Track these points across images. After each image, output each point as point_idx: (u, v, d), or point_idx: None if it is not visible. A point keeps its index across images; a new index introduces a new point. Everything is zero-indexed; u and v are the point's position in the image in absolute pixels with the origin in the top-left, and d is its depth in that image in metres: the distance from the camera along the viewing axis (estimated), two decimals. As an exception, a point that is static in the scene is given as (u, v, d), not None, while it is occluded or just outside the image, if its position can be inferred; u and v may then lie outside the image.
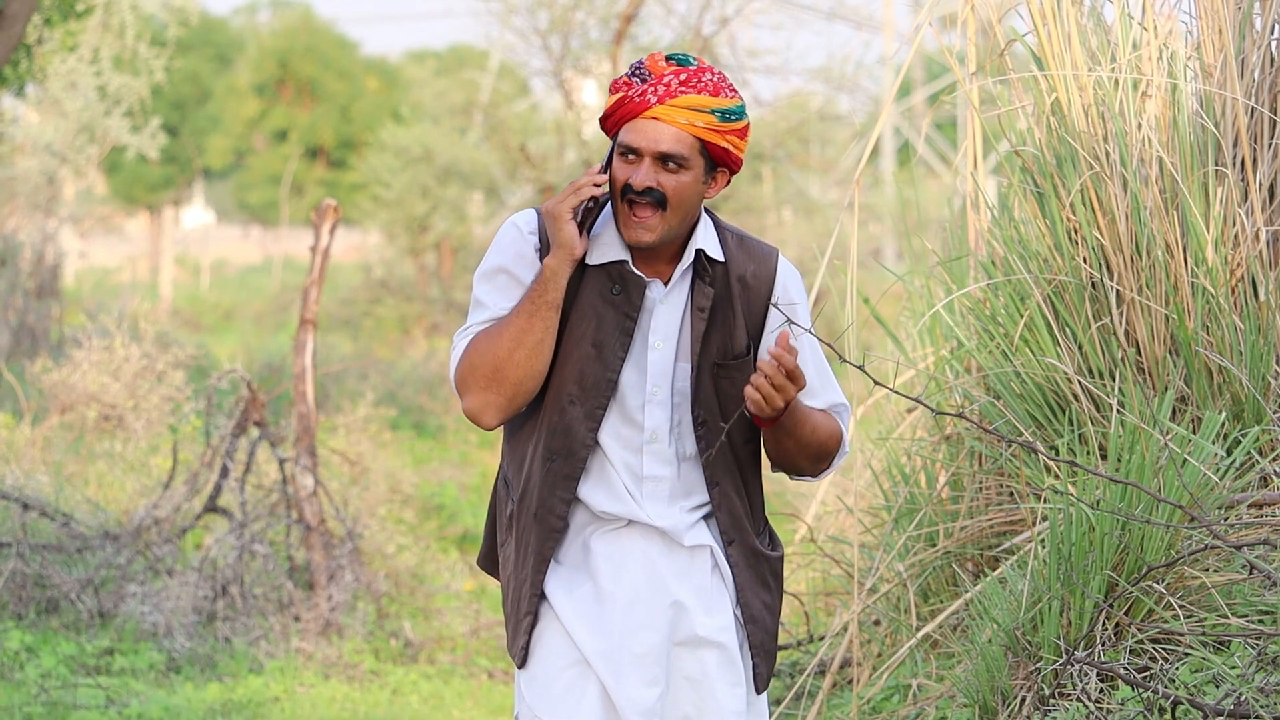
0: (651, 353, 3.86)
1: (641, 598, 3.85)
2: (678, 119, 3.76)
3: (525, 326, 3.77)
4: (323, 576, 8.96)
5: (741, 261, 3.92)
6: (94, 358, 11.13)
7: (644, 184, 3.76)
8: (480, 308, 3.86)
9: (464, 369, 3.81)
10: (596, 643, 3.83)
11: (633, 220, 3.78)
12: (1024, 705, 5.06)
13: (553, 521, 3.87)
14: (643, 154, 3.77)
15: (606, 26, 22.53)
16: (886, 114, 6.51)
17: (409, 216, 25.55)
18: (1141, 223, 5.85)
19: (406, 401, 17.45)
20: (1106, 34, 6.16)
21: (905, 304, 7.24)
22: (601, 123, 3.86)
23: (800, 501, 9.37)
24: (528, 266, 3.85)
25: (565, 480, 3.85)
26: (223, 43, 46.88)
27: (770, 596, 3.97)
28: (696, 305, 3.87)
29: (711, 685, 3.88)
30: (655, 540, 3.88)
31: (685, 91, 3.76)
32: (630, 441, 3.86)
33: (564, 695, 3.83)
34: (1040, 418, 5.98)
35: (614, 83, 3.85)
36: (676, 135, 3.77)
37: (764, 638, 3.95)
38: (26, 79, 17.65)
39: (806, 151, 26.72)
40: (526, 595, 3.87)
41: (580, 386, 3.83)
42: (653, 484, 3.87)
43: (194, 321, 28.81)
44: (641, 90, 3.77)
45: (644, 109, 3.77)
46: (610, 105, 3.82)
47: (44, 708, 7.54)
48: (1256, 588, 5.11)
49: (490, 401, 3.80)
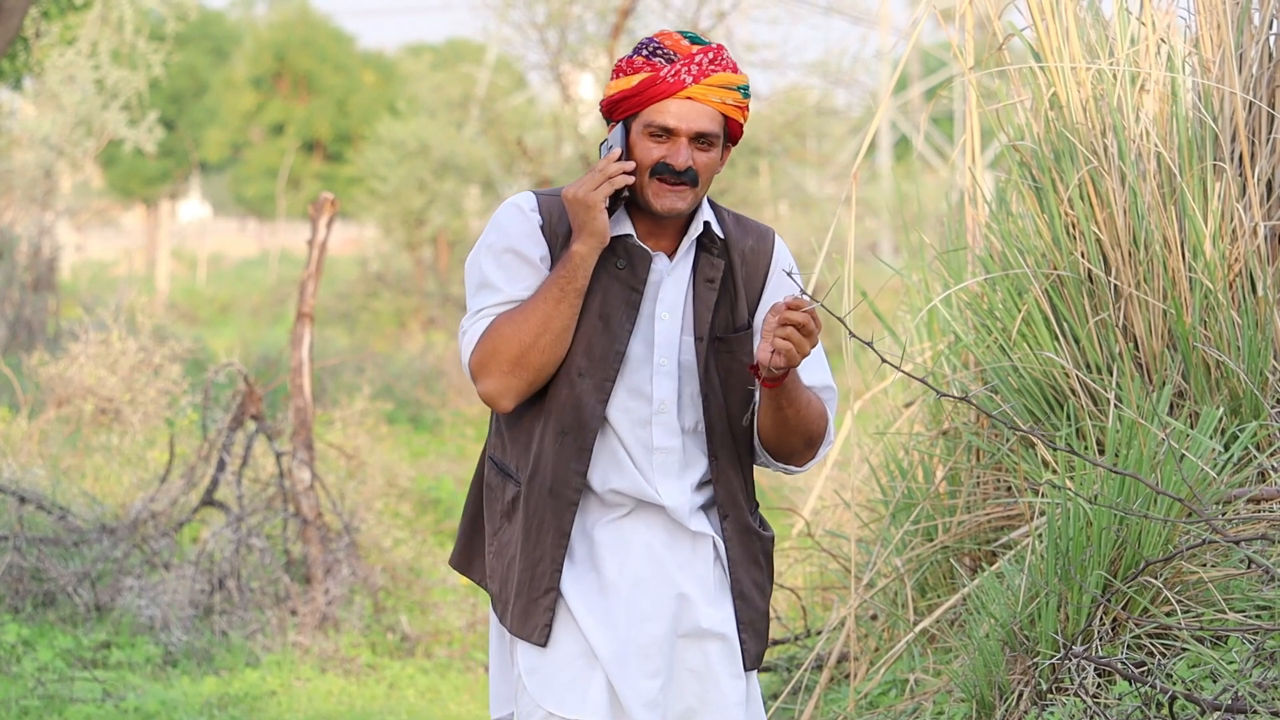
0: (658, 323, 3.87)
1: (645, 589, 3.85)
2: (711, 98, 3.79)
3: (552, 313, 3.78)
4: (319, 570, 8.96)
5: (740, 237, 3.95)
6: (91, 351, 11.12)
7: (686, 164, 3.79)
8: (490, 289, 3.85)
9: (484, 353, 3.80)
10: (603, 634, 3.82)
11: (667, 191, 3.80)
12: (1021, 700, 5.06)
13: (569, 495, 3.85)
14: (678, 134, 3.79)
15: (603, 20, 22.52)
16: (884, 108, 6.51)
17: (405, 210, 25.54)
18: (1140, 217, 5.85)
19: (403, 395, 17.45)
20: (1105, 28, 6.16)
21: (903, 298, 7.24)
22: (614, 105, 3.83)
23: (797, 496, 9.37)
24: (534, 245, 3.85)
25: (579, 453, 3.85)
26: (220, 36, 46.88)
27: (760, 576, 3.98)
28: (705, 277, 3.89)
29: (715, 677, 3.88)
30: (658, 530, 3.88)
31: (716, 70, 3.79)
32: (639, 414, 3.86)
33: (570, 686, 3.82)
34: (1038, 412, 5.97)
35: (628, 62, 3.83)
36: (711, 114, 3.80)
37: (753, 615, 3.95)
38: (24, 72, 17.66)
39: (803, 146, 26.73)
40: (547, 571, 3.85)
41: (589, 359, 3.83)
42: (663, 455, 3.87)
43: (191, 315, 28.81)
44: (675, 70, 3.78)
45: (679, 89, 3.78)
46: (635, 86, 3.80)
47: (41, 701, 7.53)
48: (1254, 583, 5.11)
49: (511, 386, 3.80)
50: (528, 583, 3.86)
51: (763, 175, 25.61)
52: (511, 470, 3.91)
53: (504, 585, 3.92)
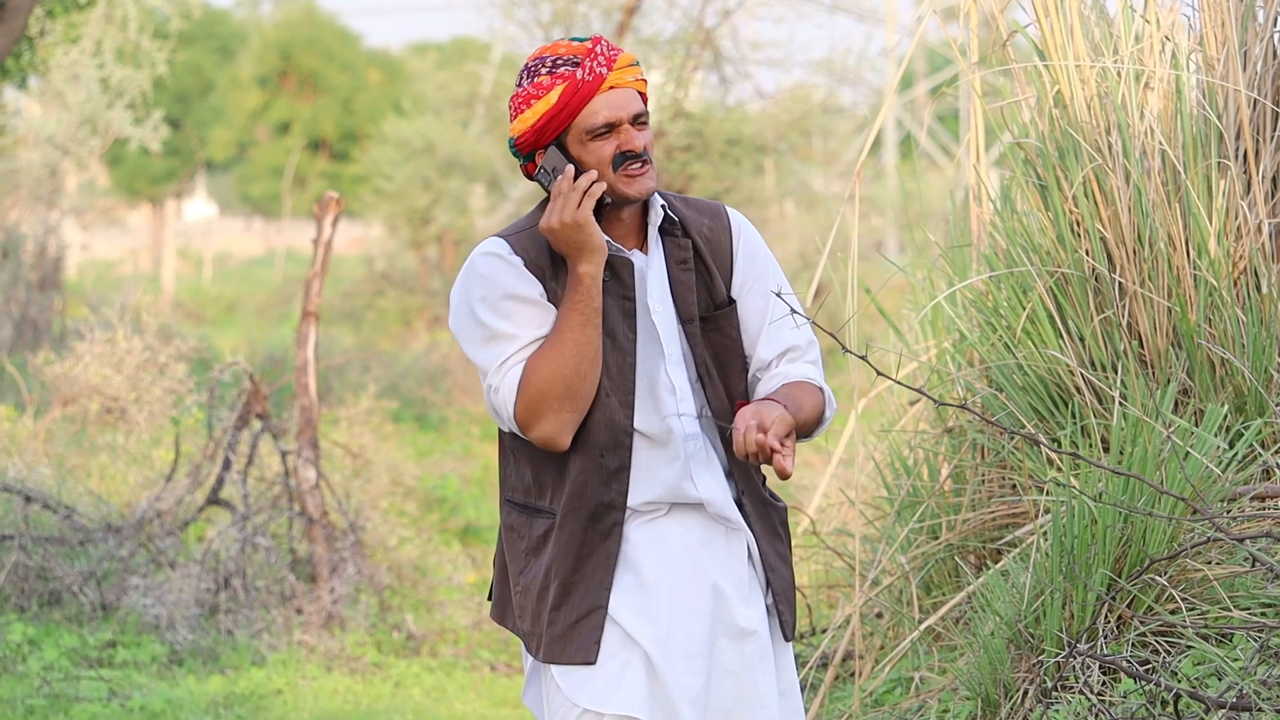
0: (655, 317, 3.88)
1: (685, 586, 3.85)
2: (626, 78, 3.83)
3: (583, 338, 3.77)
4: (325, 569, 8.97)
5: (694, 217, 3.97)
6: (96, 350, 11.13)
7: (642, 144, 3.83)
8: (503, 339, 3.82)
9: (531, 398, 3.77)
10: (647, 629, 3.81)
11: (634, 177, 3.82)
12: (1026, 698, 5.06)
13: (614, 515, 3.85)
14: (620, 123, 3.81)
15: (609, 19, 22.50)
16: (889, 106, 6.51)
17: (411, 209, 25.53)
18: (1144, 215, 5.84)
19: (409, 394, 17.45)
20: (1109, 26, 6.15)
21: (907, 296, 7.24)
22: (541, 131, 3.81)
23: (802, 494, 9.37)
24: (529, 285, 3.84)
25: (618, 472, 3.85)
26: (225, 35, 46.89)
27: (782, 546, 4.00)
28: (677, 260, 3.91)
29: (753, 677, 3.89)
30: (693, 529, 3.89)
31: (616, 54, 3.83)
32: (666, 409, 3.86)
33: (609, 686, 3.81)
34: (1042, 410, 5.97)
35: (534, 86, 3.82)
36: (633, 95, 3.84)
37: (784, 585, 3.97)
38: (29, 71, 17.65)
39: (808, 144, 26.70)
40: (594, 589, 3.82)
41: (608, 377, 3.84)
42: (694, 443, 3.87)
43: (196, 314, 28.80)
44: (588, 69, 3.80)
45: (600, 83, 3.80)
46: (557, 101, 3.79)
47: (46, 700, 7.54)
48: (1259, 580, 5.11)
49: (566, 421, 3.79)
50: (577, 604, 3.83)
51: (768, 173, 25.58)
52: (542, 505, 3.89)
53: (535, 620, 3.89)
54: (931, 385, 6.45)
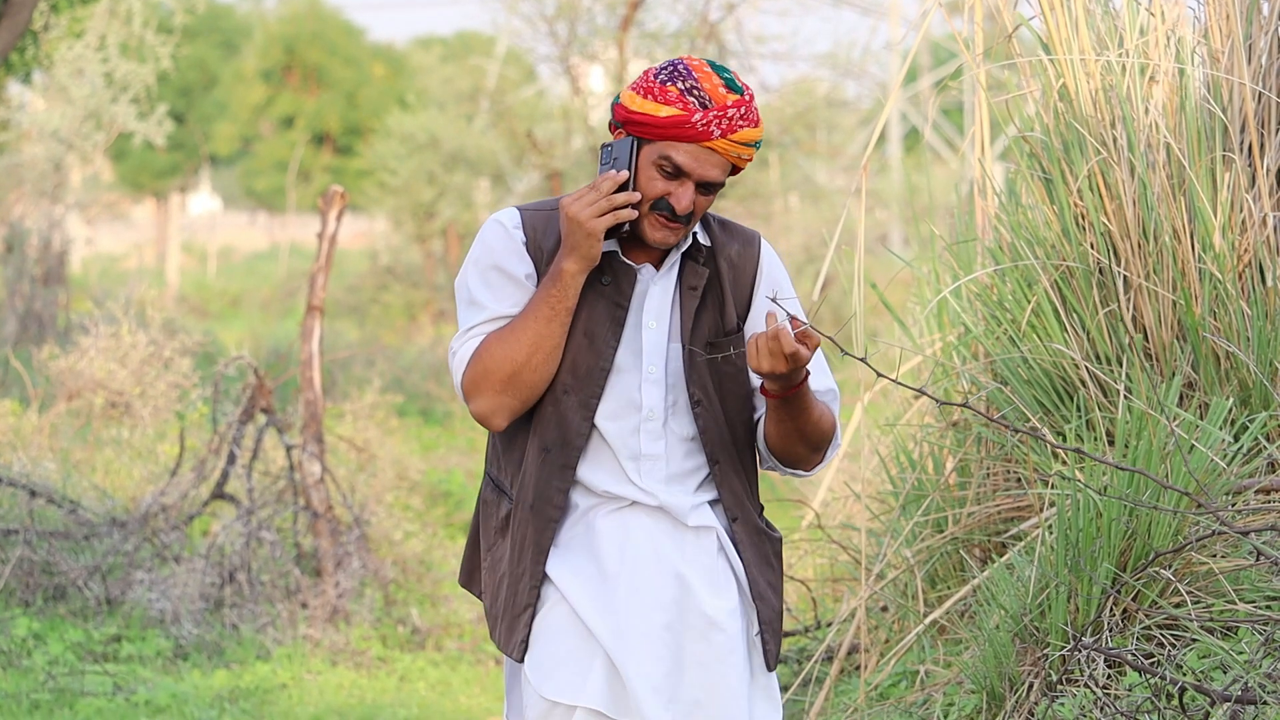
0: (646, 332, 3.87)
1: (647, 579, 3.85)
2: (731, 152, 3.78)
3: (544, 331, 3.78)
4: (330, 563, 8.97)
5: (726, 242, 3.95)
6: (101, 344, 11.13)
7: (688, 210, 3.79)
8: (477, 308, 3.85)
9: (475, 374, 3.80)
10: (605, 620, 3.82)
11: (662, 227, 3.80)
12: (1031, 691, 5.06)
13: (550, 512, 3.87)
14: (690, 177, 3.78)
15: (613, 12, 22.50)
16: (893, 99, 6.50)
17: (415, 203, 25.55)
18: (1149, 208, 5.84)
19: (413, 388, 17.46)
20: (1114, 19, 6.15)
21: (913, 290, 7.24)
22: (633, 121, 3.80)
23: (808, 488, 9.37)
24: (519, 262, 3.86)
25: (562, 470, 3.86)
26: (229, 29, 46.86)
27: (773, 576, 3.99)
28: (688, 284, 3.89)
29: (723, 669, 3.88)
30: (661, 519, 3.89)
31: (743, 126, 3.77)
32: (627, 422, 3.86)
33: (570, 677, 3.83)
34: (1048, 403, 5.97)
35: (661, 89, 3.77)
36: (724, 165, 3.80)
37: (771, 615, 3.96)
38: (33, 66, 17.66)
39: (813, 138, 26.70)
40: (525, 588, 3.87)
41: (574, 376, 3.84)
42: (650, 462, 3.87)
43: (201, 308, 28.84)
44: (706, 118, 3.74)
45: (705, 139, 3.76)
46: (662, 119, 3.75)
47: (51, 695, 7.55)
48: (1264, 574, 5.11)
49: (504, 405, 3.81)
50: (511, 598, 3.88)
51: (773, 167, 25.58)
52: (506, 487, 3.93)
53: (494, 600, 3.94)
54: (936, 379, 6.45)
